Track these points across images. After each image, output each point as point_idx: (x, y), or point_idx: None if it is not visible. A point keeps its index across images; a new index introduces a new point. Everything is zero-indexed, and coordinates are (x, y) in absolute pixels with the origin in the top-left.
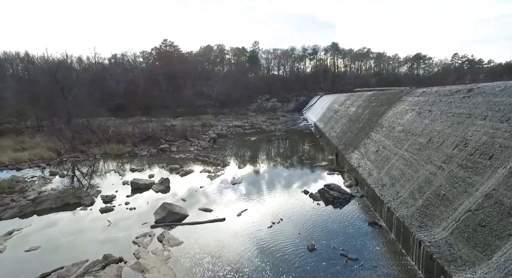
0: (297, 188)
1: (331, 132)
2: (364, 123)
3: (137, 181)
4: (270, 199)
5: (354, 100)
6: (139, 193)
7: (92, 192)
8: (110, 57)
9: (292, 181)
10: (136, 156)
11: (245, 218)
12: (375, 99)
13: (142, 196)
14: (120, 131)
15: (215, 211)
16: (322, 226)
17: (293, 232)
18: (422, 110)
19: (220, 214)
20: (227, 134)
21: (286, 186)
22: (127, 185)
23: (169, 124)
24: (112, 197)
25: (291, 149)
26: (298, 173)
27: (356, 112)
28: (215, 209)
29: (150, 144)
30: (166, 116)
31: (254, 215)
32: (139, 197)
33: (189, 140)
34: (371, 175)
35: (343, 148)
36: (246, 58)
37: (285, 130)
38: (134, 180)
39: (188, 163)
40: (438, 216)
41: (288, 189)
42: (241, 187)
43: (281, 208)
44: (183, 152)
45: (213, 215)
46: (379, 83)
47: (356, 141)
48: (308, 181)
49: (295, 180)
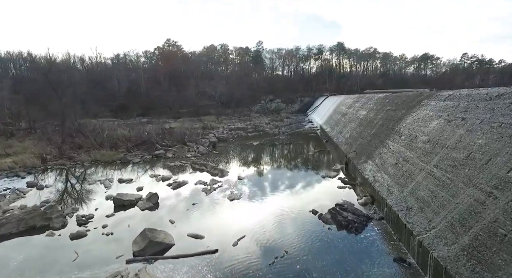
0: (303, 206)
1: (339, 137)
2: (377, 129)
3: (121, 197)
4: (273, 221)
5: (364, 103)
6: (123, 210)
7: (67, 210)
8: (112, 57)
9: (297, 197)
10: (129, 163)
11: (242, 248)
12: (388, 102)
13: (124, 216)
14: (116, 135)
15: (207, 238)
16: (336, 262)
17: (300, 272)
18: (453, 118)
19: (212, 242)
20: (228, 138)
21: (291, 204)
22: (111, 200)
23: (167, 126)
24: (89, 217)
25: (296, 156)
26: (305, 186)
27: (367, 116)
28: (207, 235)
29: (145, 149)
30: (168, 117)
31: (253, 245)
32: (121, 217)
33: (187, 144)
34: (391, 193)
35: (354, 156)
36: (250, 58)
37: (290, 133)
38: (118, 195)
39: (183, 172)
40: (501, 268)
41: (293, 207)
42: (239, 204)
43: (286, 235)
44: (180, 158)
45: (205, 243)
46: (386, 83)
47: (369, 149)
48: (316, 197)
49: (301, 195)
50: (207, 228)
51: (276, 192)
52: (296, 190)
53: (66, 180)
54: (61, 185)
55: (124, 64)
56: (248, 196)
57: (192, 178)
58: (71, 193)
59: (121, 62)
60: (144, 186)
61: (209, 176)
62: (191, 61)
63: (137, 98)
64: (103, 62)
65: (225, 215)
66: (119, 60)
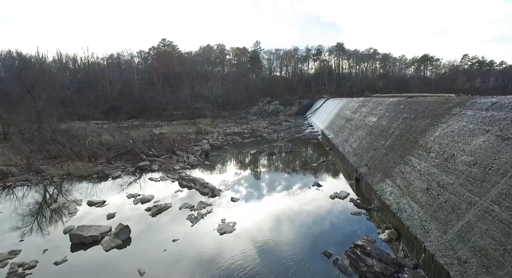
0: (312, 244)
1: (345, 146)
2: (394, 140)
3: (81, 232)
4: (273, 268)
5: (373, 108)
6: (82, 250)
7: (3, 255)
8: (104, 57)
9: (304, 229)
10: (107, 177)
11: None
12: (404, 108)
13: (80, 262)
14: (99, 141)
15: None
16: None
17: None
18: (510, 135)
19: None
20: (222, 144)
21: (297, 240)
22: (68, 235)
23: (157, 132)
24: (29, 267)
25: (298, 168)
26: (311, 212)
27: (378, 124)
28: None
29: (128, 159)
30: (161, 119)
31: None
32: (76, 264)
33: (176, 153)
34: (428, 233)
35: (366, 172)
36: (247, 59)
37: (289, 139)
38: (79, 229)
39: (167, 190)
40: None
41: (299, 246)
42: (231, 240)
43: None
44: (167, 170)
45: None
46: (387, 85)
47: (386, 165)
48: (326, 228)
49: (309, 225)
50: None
51: (278, 222)
52: (301, 218)
53: (20, 204)
54: (10, 213)
55: (117, 65)
56: (242, 228)
57: (177, 200)
58: (19, 226)
59: (114, 62)
60: (118, 211)
61: (198, 195)
62: (187, 62)
63: (129, 100)
64: (95, 62)
65: (212, 257)
66: (113, 60)
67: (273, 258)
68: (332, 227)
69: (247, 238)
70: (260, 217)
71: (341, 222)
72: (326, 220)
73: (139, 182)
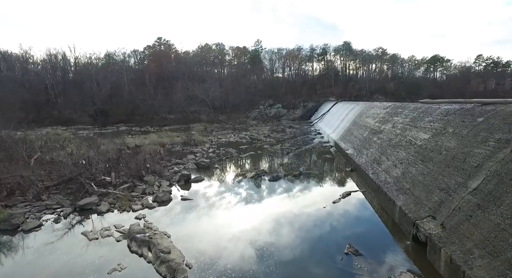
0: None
1: (378, 172)
2: (492, 182)
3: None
4: None
5: (415, 118)
6: None
7: None
8: (92, 55)
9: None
10: (15, 231)
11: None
12: (488, 123)
13: None
14: (50, 158)
15: None
16: None
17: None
18: None
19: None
20: (212, 161)
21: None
22: None
23: (132, 144)
24: None
25: (313, 208)
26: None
27: (437, 145)
28: None
29: (72, 191)
30: (152, 124)
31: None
32: None
33: (143, 180)
34: None
35: (441, 235)
36: (248, 59)
37: (296, 152)
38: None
39: (104, 264)
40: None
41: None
42: None
43: None
44: (121, 210)
45: None
46: (398, 88)
47: (487, 230)
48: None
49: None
50: None
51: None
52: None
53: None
54: None
55: (107, 64)
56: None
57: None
58: None
59: (102, 61)
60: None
61: (150, 275)
62: (183, 61)
63: (120, 102)
64: (84, 61)
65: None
66: (102, 59)
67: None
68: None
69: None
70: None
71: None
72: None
73: (63, 240)
